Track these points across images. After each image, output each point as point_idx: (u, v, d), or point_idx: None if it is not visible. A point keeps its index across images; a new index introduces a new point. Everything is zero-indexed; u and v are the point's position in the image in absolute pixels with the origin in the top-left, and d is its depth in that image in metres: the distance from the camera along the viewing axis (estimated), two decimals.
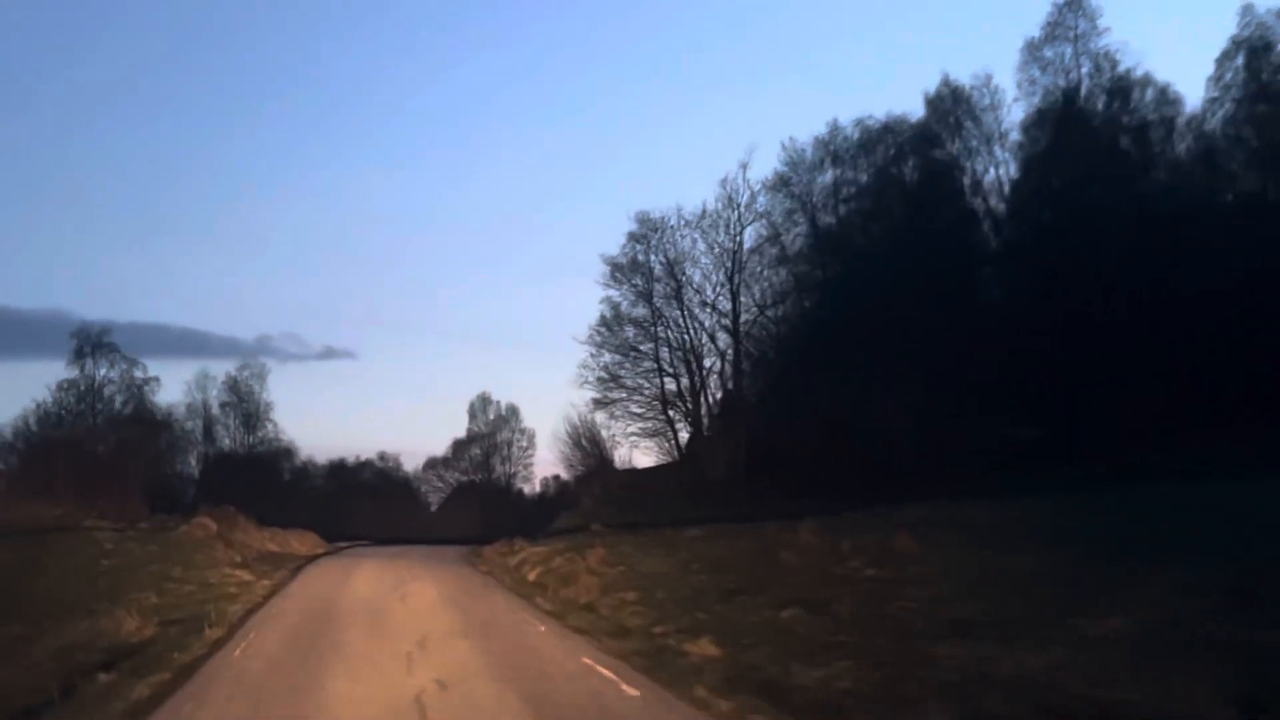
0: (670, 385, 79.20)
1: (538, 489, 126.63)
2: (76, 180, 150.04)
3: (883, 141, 70.02)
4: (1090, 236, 52.36)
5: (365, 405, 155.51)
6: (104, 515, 49.56)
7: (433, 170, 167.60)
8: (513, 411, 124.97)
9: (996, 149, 67.25)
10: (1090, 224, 53.04)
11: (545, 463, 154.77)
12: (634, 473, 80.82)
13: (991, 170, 67.66)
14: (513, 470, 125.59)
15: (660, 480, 76.27)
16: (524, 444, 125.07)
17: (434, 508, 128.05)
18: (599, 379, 78.33)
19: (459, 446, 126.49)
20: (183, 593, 31.49)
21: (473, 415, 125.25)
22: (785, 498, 52.98)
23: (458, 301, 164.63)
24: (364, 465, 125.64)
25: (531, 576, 37.74)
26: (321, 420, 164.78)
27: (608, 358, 77.86)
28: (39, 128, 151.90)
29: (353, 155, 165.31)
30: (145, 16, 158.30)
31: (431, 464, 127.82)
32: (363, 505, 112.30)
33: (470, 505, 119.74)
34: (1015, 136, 66.41)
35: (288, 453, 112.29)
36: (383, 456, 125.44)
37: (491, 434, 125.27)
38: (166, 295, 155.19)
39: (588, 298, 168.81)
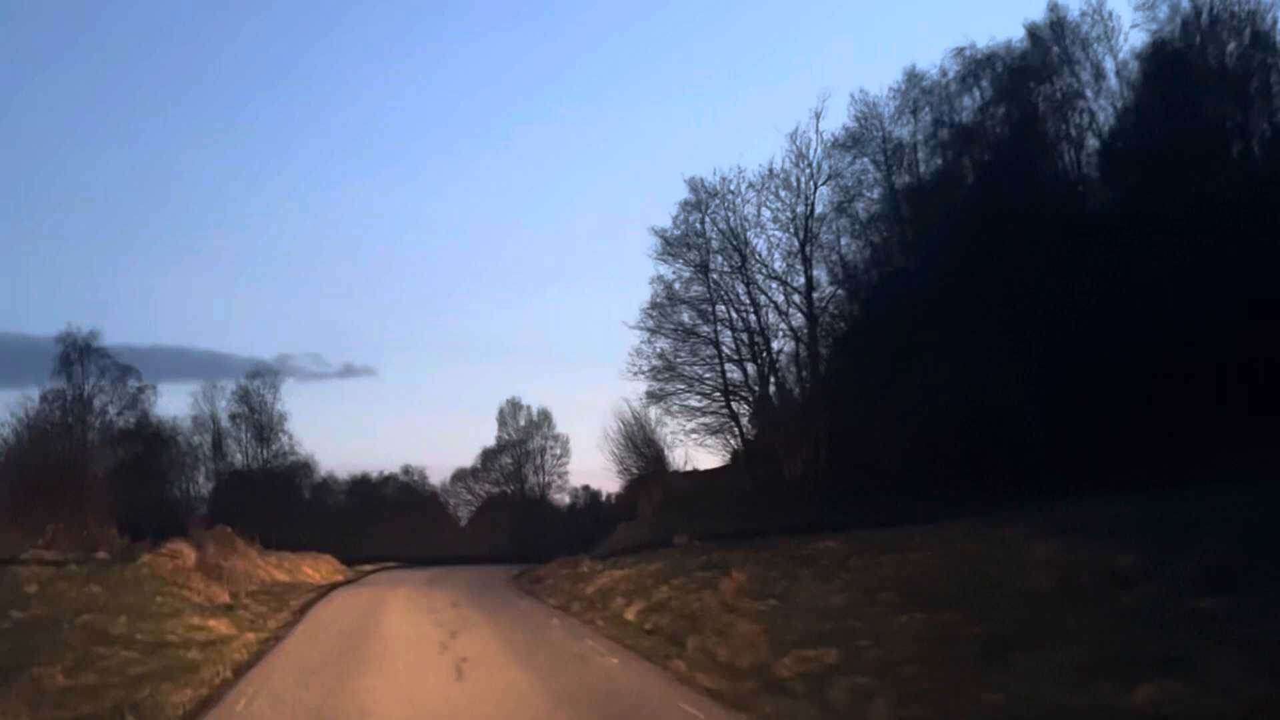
0: (734, 374, 67.30)
1: (567, 499, 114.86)
2: (89, 203, 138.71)
3: (983, 75, 57.83)
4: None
5: (387, 422, 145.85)
6: (53, 543, 37.43)
7: (455, 180, 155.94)
8: (544, 417, 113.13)
9: (1111, 82, 55.03)
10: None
11: (580, 473, 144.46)
12: (696, 475, 68.72)
13: (1104, 107, 55.47)
14: (546, 480, 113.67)
15: (726, 482, 64.35)
16: (557, 451, 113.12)
17: (463, 522, 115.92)
18: (653, 368, 66.33)
19: (488, 456, 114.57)
20: (116, 662, 19.54)
21: (502, 422, 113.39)
22: (882, 499, 42.41)
23: (482, 315, 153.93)
24: (388, 480, 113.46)
25: (630, 615, 25.77)
26: (344, 439, 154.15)
27: (663, 343, 65.86)
28: (57, 155, 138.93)
29: (367, 170, 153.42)
30: (158, 31, 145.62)
31: (460, 476, 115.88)
32: (387, 522, 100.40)
33: (503, 518, 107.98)
34: (1129, 71, 54.30)
35: (306, 468, 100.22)
36: (407, 470, 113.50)
37: (522, 441, 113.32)
38: (185, 319, 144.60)
39: (622, 305, 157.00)
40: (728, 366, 66.59)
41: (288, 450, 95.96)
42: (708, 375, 66.84)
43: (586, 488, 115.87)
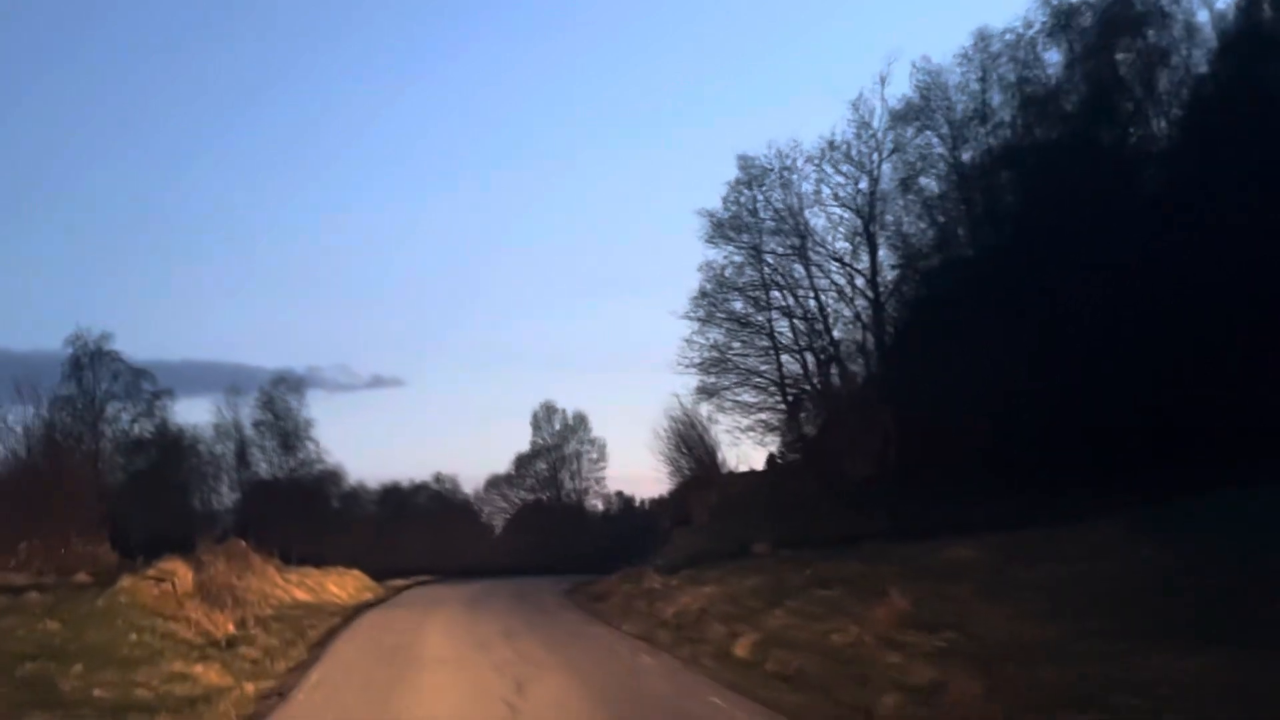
0: (791, 365, 60.88)
1: (600, 506, 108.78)
2: (117, 218, 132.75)
3: (1062, 31, 51.28)
4: None
5: (418, 431, 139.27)
6: (27, 563, 31.19)
7: (482, 189, 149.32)
8: (580, 420, 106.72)
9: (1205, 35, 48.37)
10: None
11: (618, 479, 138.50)
12: (752, 476, 62.17)
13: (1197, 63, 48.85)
14: (583, 485, 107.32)
15: (786, 483, 57.78)
16: (594, 456, 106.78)
17: (498, 531, 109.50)
18: (703, 361, 59.92)
19: (522, 462, 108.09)
20: None
21: (536, 426, 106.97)
22: (963, 497, 36.23)
23: (513, 324, 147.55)
24: (419, 489, 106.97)
25: (741, 650, 19.61)
26: (374, 449, 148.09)
27: (714, 334, 59.45)
28: (73, 167, 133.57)
29: (392, 180, 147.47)
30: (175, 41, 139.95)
31: (493, 483, 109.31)
32: (419, 533, 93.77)
33: (539, 526, 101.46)
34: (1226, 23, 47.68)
35: (334, 476, 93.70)
36: (439, 478, 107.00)
37: (558, 446, 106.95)
38: (213, 333, 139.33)
39: (659, 309, 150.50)
40: (784, 357, 60.38)
41: (314, 458, 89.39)
42: (763, 367, 60.56)
43: (620, 494, 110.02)
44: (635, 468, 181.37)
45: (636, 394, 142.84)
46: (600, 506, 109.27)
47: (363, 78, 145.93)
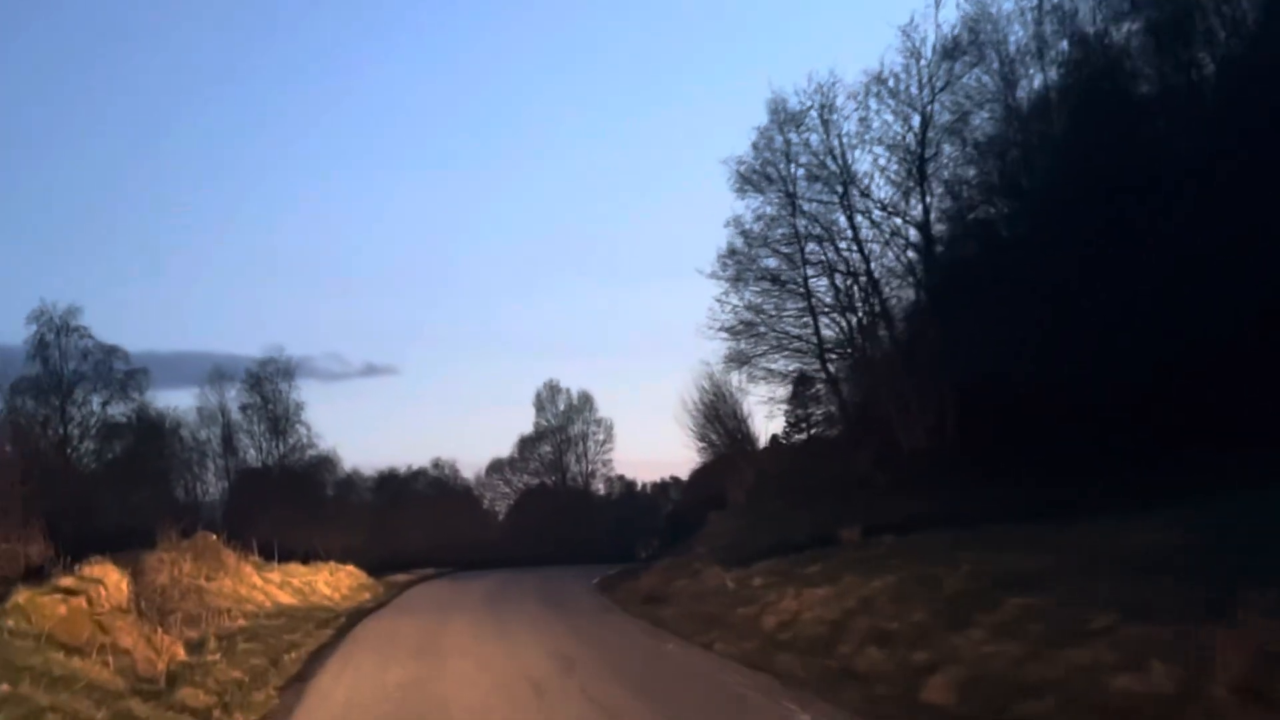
0: (830, 330, 53.73)
1: (602, 489, 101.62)
2: (98, 202, 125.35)
3: None
4: None
5: (414, 418, 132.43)
6: None
7: (481, 170, 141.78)
8: (586, 400, 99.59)
9: None
10: None
11: (625, 463, 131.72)
12: (792, 451, 54.98)
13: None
14: (590, 468, 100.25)
15: (831, 458, 50.60)
16: (601, 437, 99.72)
17: (501, 516, 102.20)
18: (732, 326, 52.71)
19: (526, 444, 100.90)
20: None
21: (540, 407, 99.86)
22: (1040, 476, 29.53)
23: (515, 308, 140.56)
24: (417, 474, 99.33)
25: (939, 694, 12.13)
26: (369, 437, 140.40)
27: (745, 294, 52.24)
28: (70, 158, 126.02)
29: (382, 165, 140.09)
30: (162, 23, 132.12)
31: (496, 466, 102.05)
32: (419, 522, 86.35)
33: (544, 511, 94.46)
34: None
35: (328, 463, 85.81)
36: (437, 464, 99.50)
37: (562, 427, 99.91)
38: (200, 323, 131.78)
39: (676, 294, 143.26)
40: (822, 320, 53.21)
41: (306, 443, 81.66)
42: (798, 331, 53.42)
43: (621, 477, 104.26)
44: (646, 452, 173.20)
45: (645, 377, 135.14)
46: (602, 490, 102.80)
47: (348, 52, 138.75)
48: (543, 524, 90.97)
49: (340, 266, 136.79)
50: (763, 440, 58.35)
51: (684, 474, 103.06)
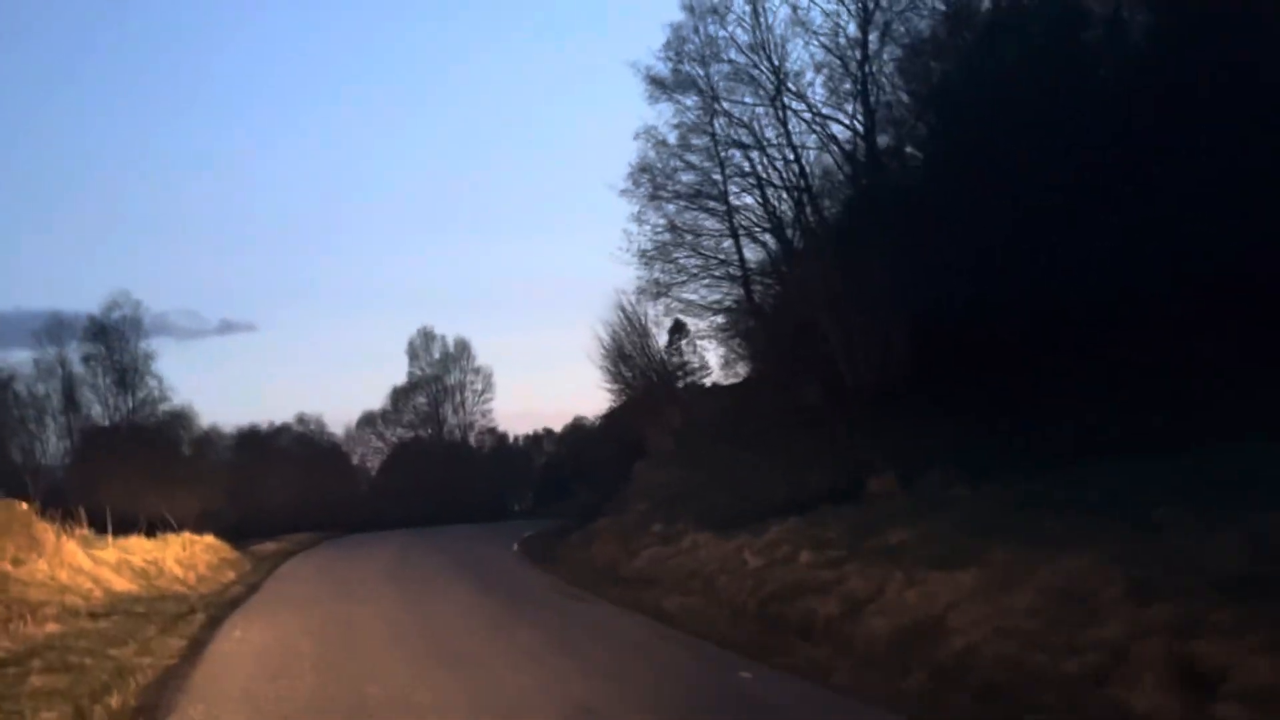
0: (758, 254, 46.39)
1: (474, 443, 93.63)
2: None
3: None
4: None
5: (277, 377, 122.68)
6: None
7: (358, 120, 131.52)
8: (463, 348, 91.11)
9: None
10: None
11: (508, 415, 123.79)
12: (720, 392, 47.39)
13: None
14: (468, 420, 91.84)
15: (766, 399, 43.22)
16: (479, 387, 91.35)
17: (374, 473, 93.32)
18: (645, 251, 45.05)
19: (399, 396, 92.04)
20: None
21: (413, 355, 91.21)
22: (995, 407, 26.30)
23: (390, 262, 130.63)
24: (280, 431, 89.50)
25: None
26: (230, 397, 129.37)
27: (661, 214, 44.67)
28: None
29: (243, 116, 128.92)
30: None
31: (367, 420, 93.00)
32: (285, 481, 77.01)
33: (421, 467, 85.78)
34: None
35: (184, 420, 75.64)
36: (302, 420, 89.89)
37: (439, 377, 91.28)
38: (41, 280, 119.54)
39: (566, 243, 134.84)
40: (751, 243, 45.85)
41: (158, 397, 71.75)
42: (723, 256, 45.98)
43: (493, 430, 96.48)
44: (532, 403, 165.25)
45: (530, 328, 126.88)
46: (475, 444, 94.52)
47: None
48: (418, 480, 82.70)
49: (197, 220, 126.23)
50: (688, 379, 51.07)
51: (587, 420, 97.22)
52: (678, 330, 48.11)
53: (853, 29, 40.51)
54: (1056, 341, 30.73)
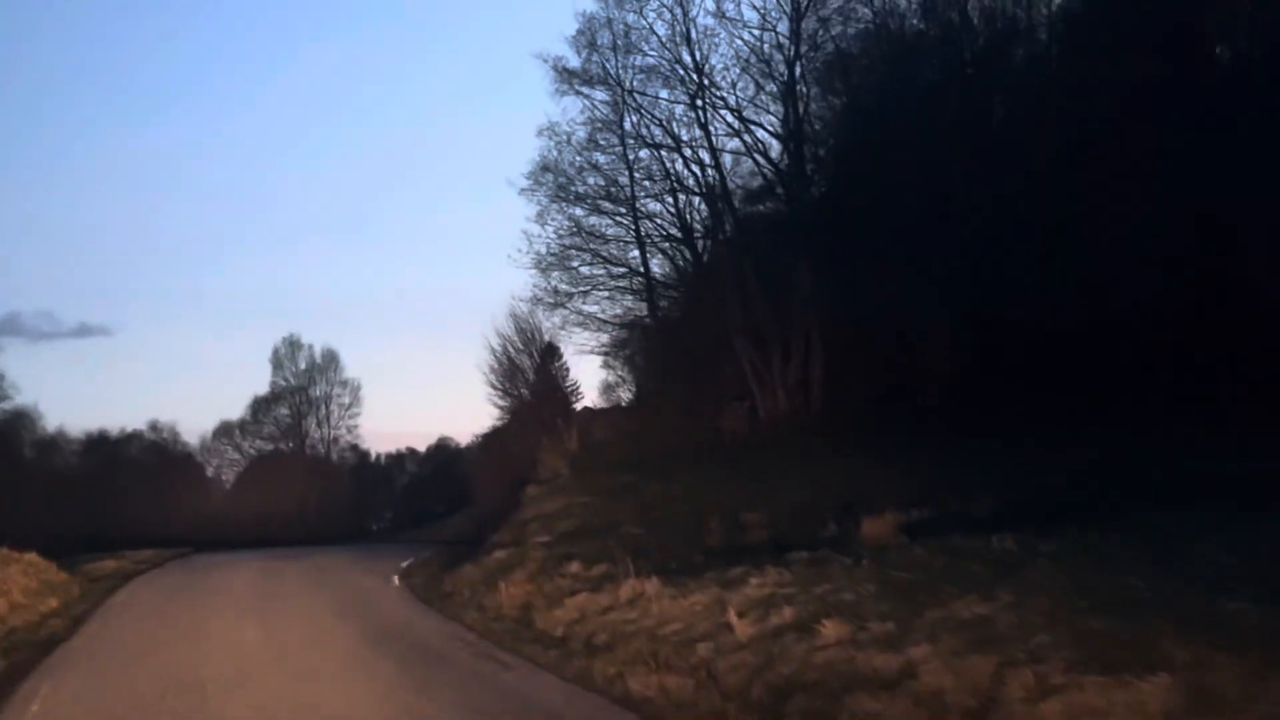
0: (663, 267, 42.45)
1: (336, 459, 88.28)
2: None
3: None
4: None
5: (136, 381, 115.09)
6: None
7: (239, 124, 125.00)
8: (331, 359, 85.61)
9: None
10: None
11: (378, 433, 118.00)
12: (618, 414, 42.85)
13: None
14: (333, 434, 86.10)
15: (674, 425, 38.93)
16: (346, 400, 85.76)
17: (229, 485, 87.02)
18: (542, 257, 40.83)
19: (260, 406, 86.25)
20: None
21: (277, 364, 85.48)
22: (940, 441, 25.31)
23: (258, 272, 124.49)
24: (132, 438, 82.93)
25: None
26: (82, 402, 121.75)
27: (563, 219, 40.65)
28: None
29: (105, 117, 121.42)
30: None
31: (225, 430, 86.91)
32: (134, 491, 70.61)
33: (281, 481, 79.94)
34: None
35: (25, 420, 69.22)
36: (155, 427, 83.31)
37: (303, 388, 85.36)
38: None
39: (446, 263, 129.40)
40: (660, 252, 41.96)
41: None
42: (626, 265, 41.87)
43: (355, 447, 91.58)
44: (405, 422, 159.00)
45: (408, 345, 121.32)
46: (337, 460, 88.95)
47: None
48: (276, 495, 76.75)
49: (60, 221, 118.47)
50: (588, 398, 46.56)
51: (454, 441, 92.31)
52: (550, 353, 43.53)
53: (784, 27, 36.72)
54: (1014, 367, 27.34)
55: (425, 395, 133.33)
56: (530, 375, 41.95)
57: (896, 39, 36.36)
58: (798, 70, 37.18)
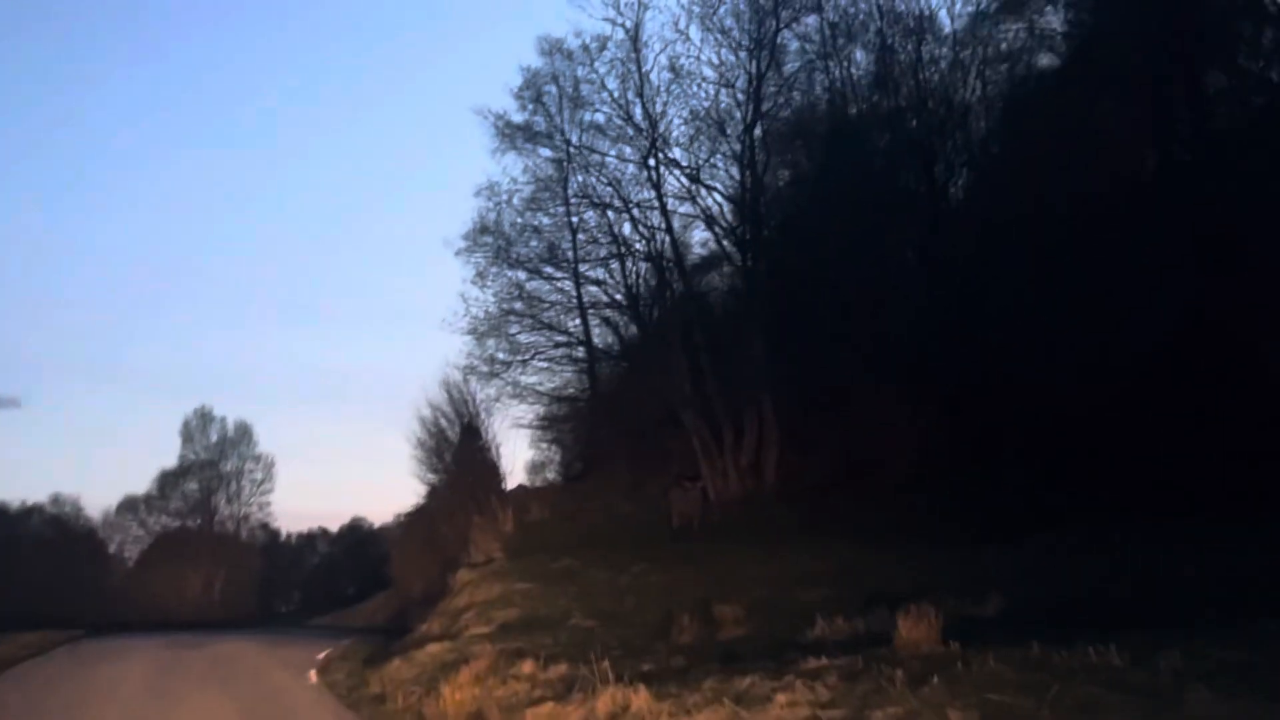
0: (606, 336, 39.64)
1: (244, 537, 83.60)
2: None
3: None
4: None
5: (39, 455, 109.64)
6: None
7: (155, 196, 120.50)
8: (244, 432, 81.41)
9: None
10: None
11: (291, 514, 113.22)
12: (559, 491, 39.58)
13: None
14: (243, 511, 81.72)
15: (614, 502, 35.76)
16: (258, 476, 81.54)
17: (131, 563, 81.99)
18: (481, 323, 37.87)
19: (167, 480, 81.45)
20: None
21: (188, 437, 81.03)
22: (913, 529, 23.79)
23: (175, 347, 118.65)
24: (31, 511, 78.16)
25: None
26: None
27: (519, 275, 37.88)
28: None
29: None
30: None
31: (129, 505, 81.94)
32: (30, 566, 65.94)
33: (187, 559, 75.50)
34: None
35: None
36: (56, 500, 78.53)
37: (214, 462, 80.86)
38: None
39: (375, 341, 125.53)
40: (595, 321, 39.21)
41: None
42: (566, 334, 38.94)
43: (265, 525, 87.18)
44: (322, 501, 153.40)
45: (330, 424, 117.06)
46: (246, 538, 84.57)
47: None
48: (181, 574, 72.36)
49: None
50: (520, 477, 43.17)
51: (367, 521, 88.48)
52: (474, 432, 39.92)
53: (742, 83, 34.24)
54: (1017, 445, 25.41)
55: (341, 473, 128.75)
56: (461, 449, 38.39)
57: (844, 114, 34.83)
58: (756, 133, 34.72)
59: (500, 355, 37.90)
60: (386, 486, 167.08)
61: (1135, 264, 22.06)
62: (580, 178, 36.87)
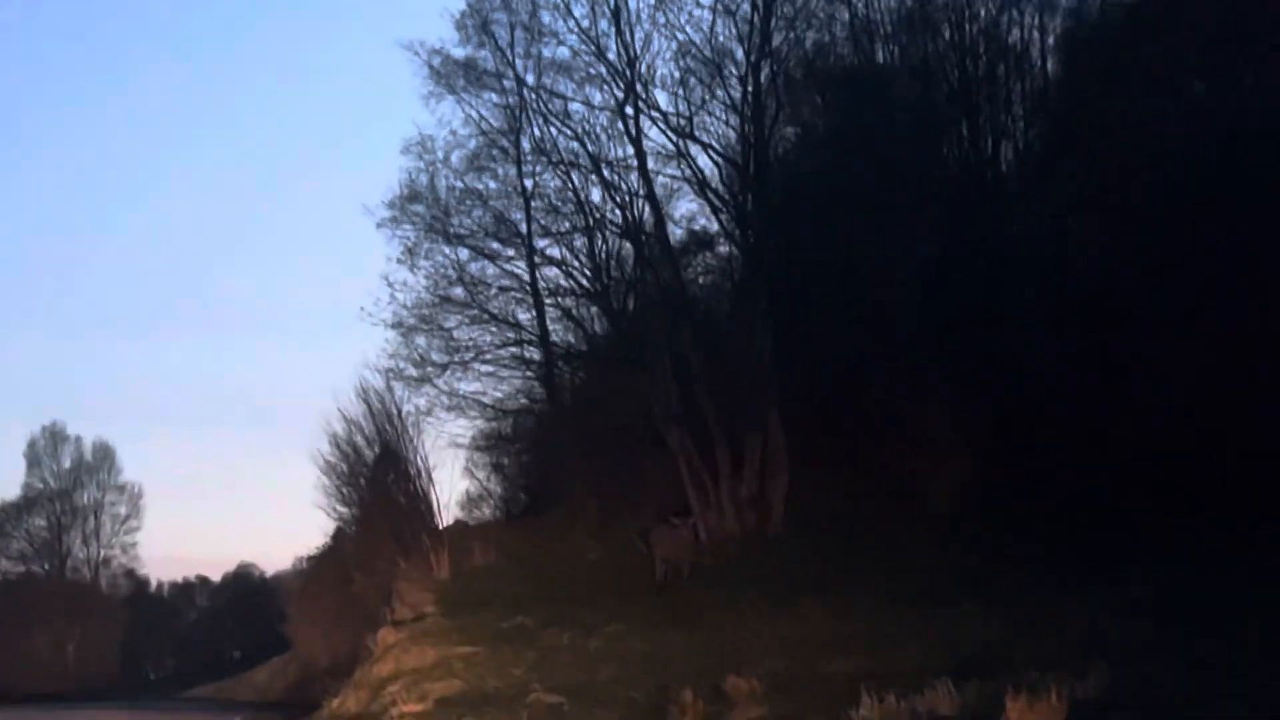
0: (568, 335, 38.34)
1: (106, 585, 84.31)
2: None
3: None
4: None
5: None
6: None
7: None
8: (104, 455, 79.26)
9: None
10: None
11: (166, 560, 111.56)
12: (509, 530, 38.02)
13: None
14: (103, 555, 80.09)
15: (579, 543, 34.43)
16: (122, 511, 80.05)
17: None
18: (408, 313, 36.26)
19: (8, 513, 78.94)
20: None
21: (34, 461, 78.68)
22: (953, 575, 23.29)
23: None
24: None
25: None
26: None
27: (455, 255, 36.35)
28: None
29: None
30: None
31: None
32: None
33: (33, 613, 73.97)
34: None
35: None
36: None
37: (66, 492, 79.11)
38: None
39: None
40: (555, 313, 37.88)
41: None
42: (516, 332, 37.63)
43: (132, 573, 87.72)
44: (201, 546, 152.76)
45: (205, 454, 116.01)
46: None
47: None
48: (25, 632, 71.00)
49: None
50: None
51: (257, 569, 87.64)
52: (393, 455, 38.20)
53: (745, 9, 32.86)
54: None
55: (226, 508, 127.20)
56: (381, 472, 36.84)
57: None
58: (763, 76, 33.30)
59: (434, 355, 35.85)
60: (284, 524, 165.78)
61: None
62: (537, 130, 34.36)
